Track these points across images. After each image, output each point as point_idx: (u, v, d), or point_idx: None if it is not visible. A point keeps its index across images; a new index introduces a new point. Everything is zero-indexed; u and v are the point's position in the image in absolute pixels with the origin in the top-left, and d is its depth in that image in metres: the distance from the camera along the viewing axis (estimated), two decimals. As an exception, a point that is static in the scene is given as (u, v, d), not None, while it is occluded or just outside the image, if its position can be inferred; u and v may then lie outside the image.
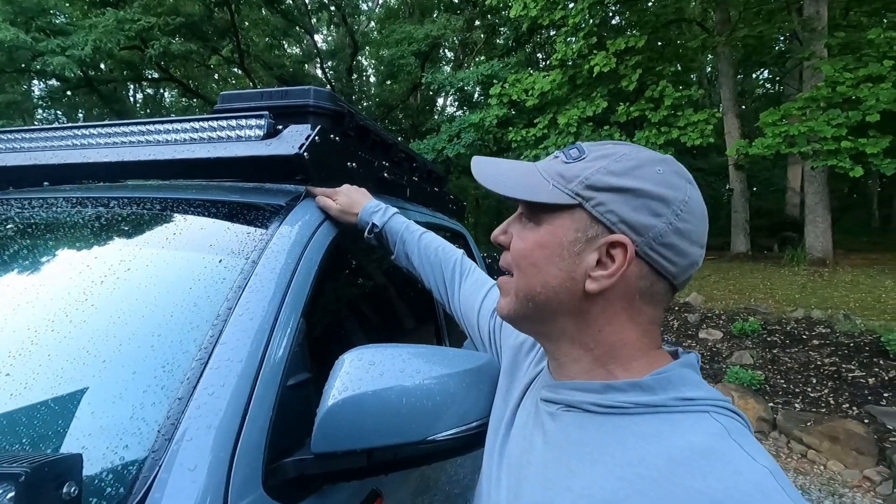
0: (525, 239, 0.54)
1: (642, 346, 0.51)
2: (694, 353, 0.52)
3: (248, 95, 1.24)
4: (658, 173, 0.48)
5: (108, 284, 0.77)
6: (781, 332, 4.99)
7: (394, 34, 14.24)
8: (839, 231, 9.39)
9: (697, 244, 0.49)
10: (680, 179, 0.49)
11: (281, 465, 0.61)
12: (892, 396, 3.57)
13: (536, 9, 9.02)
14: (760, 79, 18.83)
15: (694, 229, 0.49)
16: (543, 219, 0.52)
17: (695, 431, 0.43)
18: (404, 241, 0.98)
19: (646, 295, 0.50)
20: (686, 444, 0.42)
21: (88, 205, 1.03)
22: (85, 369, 0.64)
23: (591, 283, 0.49)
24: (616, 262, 0.48)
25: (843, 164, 6.40)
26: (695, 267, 0.50)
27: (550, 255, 0.51)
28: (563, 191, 0.50)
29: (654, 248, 0.48)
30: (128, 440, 0.55)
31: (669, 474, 0.41)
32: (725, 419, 0.45)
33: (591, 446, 0.47)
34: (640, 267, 0.48)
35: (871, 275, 7.18)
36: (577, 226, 0.50)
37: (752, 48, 10.97)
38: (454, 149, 11.18)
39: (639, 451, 0.44)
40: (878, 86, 6.26)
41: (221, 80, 19.49)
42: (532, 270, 0.52)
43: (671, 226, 0.47)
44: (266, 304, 0.71)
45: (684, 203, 0.48)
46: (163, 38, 11.52)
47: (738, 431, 0.44)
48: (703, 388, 0.48)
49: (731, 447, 0.42)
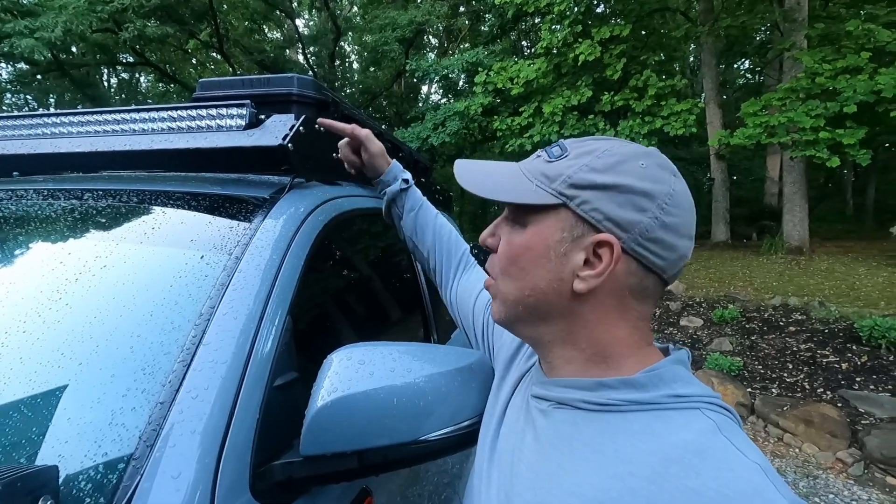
0: (511, 242, 0.53)
1: (633, 343, 0.50)
2: (685, 349, 0.52)
3: (229, 83, 1.20)
4: (641, 167, 0.48)
5: (84, 282, 0.73)
6: (760, 320, 5.10)
7: (377, 20, 13.99)
8: (815, 220, 9.60)
9: (686, 236, 0.49)
10: (664, 172, 0.49)
11: (269, 468, 0.59)
12: (865, 381, 3.69)
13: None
14: (742, 69, 19.03)
15: (681, 222, 0.48)
16: (529, 220, 0.51)
17: (687, 428, 0.43)
18: (422, 212, 0.95)
19: (635, 291, 0.49)
20: (679, 442, 0.42)
21: (61, 197, 0.99)
22: (60, 373, 0.61)
23: (579, 284, 0.48)
24: (603, 261, 0.47)
25: (821, 154, 6.53)
26: (684, 260, 0.50)
27: (537, 258, 0.50)
28: (546, 191, 0.49)
29: (641, 244, 0.47)
30: (107, 447, 0.52)
31: (662, 472, 0.41)
32: (716, 415, 0.45)
33: (582, 444, 0.47)
34: (629, 264, 0.48)
35: (845, 263, 7.38)
36: (563, 225, 0.49)
37: (734, 38, 11.05)
38: (439, 137, 11.10)
39: (631, 448, 0.44)
40: (856, 77, 6.39)
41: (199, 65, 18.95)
42: (520, 274, 0.52)
43: (657, 220, 0.47)
44: (251, 301, 0.68)
45: (669, 196, 0.47)
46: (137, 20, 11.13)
47: (728, 427, 0.44)
48: (695, 384, 0.48)
49: (723, 444, 0.42)
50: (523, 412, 0.56)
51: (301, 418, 0.60)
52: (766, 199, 12.59)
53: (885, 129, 8.07)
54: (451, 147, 12.00)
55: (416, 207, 0.95)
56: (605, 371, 0.50)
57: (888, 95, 6.00)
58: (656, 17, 11.08)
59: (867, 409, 3.32)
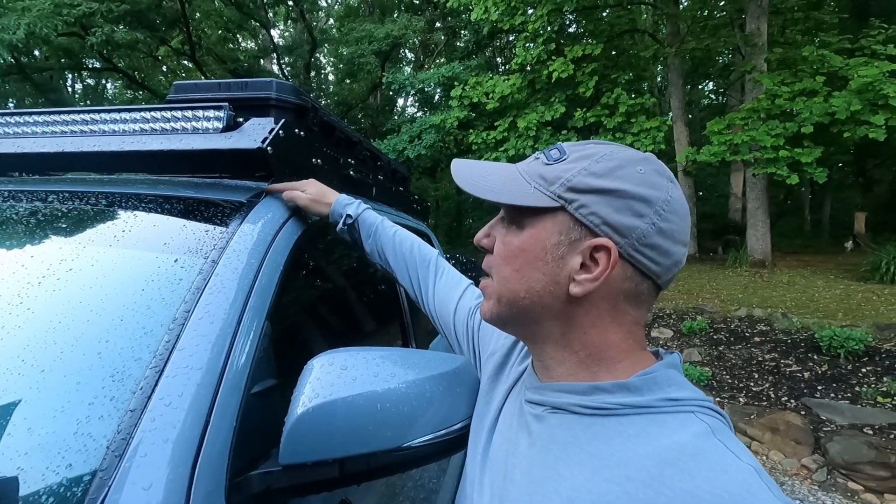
0: (508, 244, 0.53)
1: (627, 347, 0.50)
2: (677, 353, 0.52)
3: (205, 86, 1.17)
4: (640, 173, 0.48)
5: (47, 286, 0.70)
6: (726, 330, 5.26)
7: (354, 32, 14.03)
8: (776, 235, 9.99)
9: (681, 243, 0.49)
10: (661, 178, 0.49)
11: (246, 478, 0.57)
12: (826, 389, 3.83)
13: (497, 13, 9.16)
14: (706, 90, 19.84)
15: (677, 228, 0.48)
16: (525, 222, 0.51)
17: (681, 431, 0.43)
18: (379, 235, 0.95)
19: (630, 296, 0.49)
20: (673, 445, 0.42)
21: (23, 199, 0.94)
22: (19, 380, 0.57)
23: (574, 287, 0.48)
24: (600, 266, 0.47)
25: (781, 171, 6.85)
26: (678, 266, 0.50)
27: (533, 260, 0.50)
28: (545, 193, 0.49)
29: (638, 249, 0.47)
30: (71, 458, 0.49)
31: (658, 475, 0.41)
32: (709, 419, 0.45)
33: (578, 448, 0.47)
34: (625, 269, 0.48)
35: (804, 275, 7.70)
36: (560, 228, 0.49)
37: (699, 60, 11.52)
38: (415, 150, 11.14)
39: (626, 452, 0.44)
40: (812, 100, 6.75)
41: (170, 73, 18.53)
42: (515, 276, 0.51)
43: (654, 226, 0.47)
44: (227, 306, 0.66)
45: (667, 203, 0.48)
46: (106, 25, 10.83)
47: (721, 430, 0.44)
48: (688, 388, 0.48)
49: (717, 447, 0.42)
50: (516, 418, 0.55)
51: (279, 426, 0.58)
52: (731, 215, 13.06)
53: (838, 149, 8.53)
54: (426, 160, 12.04)
55: (371, 233, 0.95)
56: (599, 374, 0.50)
57: (841, 117, 6.35)
58: (626, 38, 11.47)
59: (828, 417, 3.44)
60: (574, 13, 10.11)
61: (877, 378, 3.85)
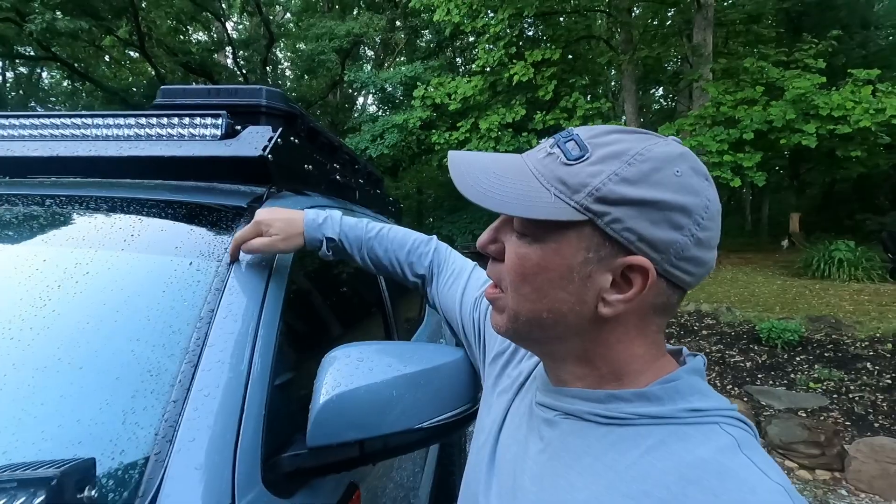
0: (524, 258, 0.45)
1: (651, 357, 0.47)
2: (701, 356, 0.49)
3: (194, 91, 1.20)
4: (677, 176, 0.41)
5: (68, 289, 0.72)
6: (677, 324, 5.58)
7: (314, 28, 13.84)
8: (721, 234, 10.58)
9: (714, 248, 0.45)
10: (699, 179, 0.43)
11: (277, 460, 0.63)
12: (765, 377, 4.16)
13: (459, 15, 9.29)
14: (657, 95, 20.79)
15: (713, 235, 0.44)
16: (545, 235, 0.44)
17: (705, 445, 0.40)
18: (368, 247, 0.84)
19: (659, 308, 0.45)
20: (696, 461, 0.39)
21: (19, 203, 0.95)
22: (58, 377, 0.61)
23: (604, 308, 0.43)
24: (635, 287, 0.42)
25: (725, 175, 7.32)
26: (709, 272, 0.46)
27: (558, 279, 0.44)
28: (569, 204, 0.42)
29: (675, 265, 0.42)
30: (123, 445, 0.54)
31: (679, 494, 0.38)
32: (735, 430, 0.42)
33: (593, 458, 0.44)
34: (659, 284, 0.43)
35: (746, 272, 8.25)
36: (588, 245, 0.43)
37: (650, 67, 12.10)
38: (377, 149, 11.13)
39: (645, 465, 0.41)
40: (752, 108, 7.26)
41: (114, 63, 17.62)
42: (536, 295, 0.45)
43: (693, 237, 0.42)
44: (248, 304, 0.72)
45: (705, 209, 0.42)
46: (46, 12, 10.20)
47: (748, 444, 0.41)
48: (713, 396, 0.45)
49: (744, 463, 0.39)
50: (526, 419, 0.52)
51: (297, 414, 0.64)
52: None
53: (775, 154, 9.18)
54: (388, 159, 12.04)
55: (361, 245, 0.83)
56: (619, 387, 0.46)
57: (778, 125, 6.90)
58: (583, 44, 11.87)
59: (768, 402, 3.74)
60: (534, 18, 10.40)
61: (809, 366, 4.22)
